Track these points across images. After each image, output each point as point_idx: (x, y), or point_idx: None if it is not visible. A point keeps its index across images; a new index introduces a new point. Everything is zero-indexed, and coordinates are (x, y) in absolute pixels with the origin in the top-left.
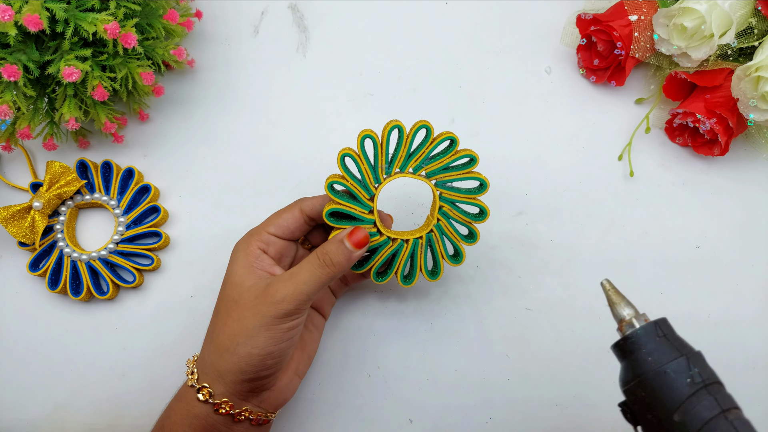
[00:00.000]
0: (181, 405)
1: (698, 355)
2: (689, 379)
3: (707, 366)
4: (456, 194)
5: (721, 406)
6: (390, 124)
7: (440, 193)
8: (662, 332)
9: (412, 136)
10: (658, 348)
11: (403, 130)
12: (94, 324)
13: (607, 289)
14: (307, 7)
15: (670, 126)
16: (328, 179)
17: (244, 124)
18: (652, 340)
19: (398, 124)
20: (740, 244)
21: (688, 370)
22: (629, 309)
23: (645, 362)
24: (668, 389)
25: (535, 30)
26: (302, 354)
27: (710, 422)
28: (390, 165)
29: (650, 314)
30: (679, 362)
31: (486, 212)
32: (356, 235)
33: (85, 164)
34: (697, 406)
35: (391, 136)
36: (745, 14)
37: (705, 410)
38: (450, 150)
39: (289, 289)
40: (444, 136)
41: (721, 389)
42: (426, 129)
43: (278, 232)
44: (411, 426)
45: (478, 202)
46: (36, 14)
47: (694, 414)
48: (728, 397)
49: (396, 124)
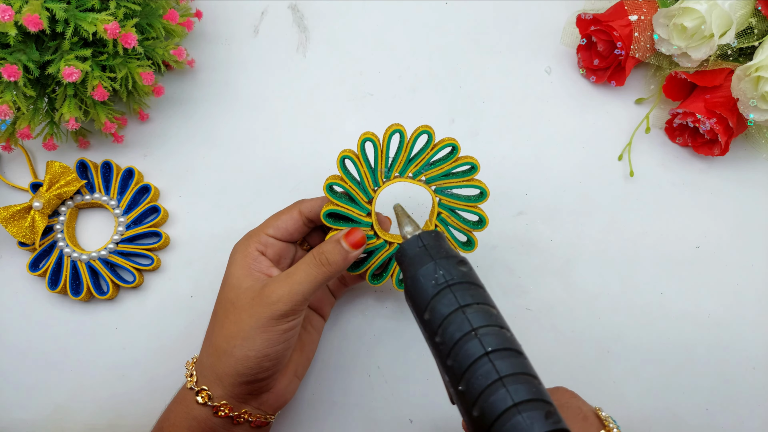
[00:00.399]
0: (180, 407)
1: (450, 259)
2: (433, 281)
3: (455, 268)
4: (455, 201)
5: (459, 302)
6: (391, 128)
7: (439, 199)
8: (422, 243)
9: (413, 141)
10: (416, 257)
11: (404, 135)
12: (94, 324)
13: (397, 213)
14: (307, 7)
15: (670, 126)
16: (327, 180)
17: (244, 124)
18: (413, 251)
19: (399, 128)
20: (740, 244)
21: (434, 273)
22: (410, 227)
23: (407, 270)
24: (419, 291)
25: (535, 30)
26: (301, 355)
27: (448, 317)
28: (390, 169)
29: (650, 315)
30: (427, 267)
31: (485, 221)
32: (353, 236)
33: (85, 164)
34: (438, 304)
35: (392, 140)
36: (745, 14)
37: (444, 307)
38: (451, 157)
39: (284, 289)
40: (446, 142)
41: (469, 288)
42: (428, 134)
43: (277, 234)
44: (411, 426)
45: (478, 211)
46: (36, 14)
47: (436, 311)
48: (474, 294)
49: (397, 128)
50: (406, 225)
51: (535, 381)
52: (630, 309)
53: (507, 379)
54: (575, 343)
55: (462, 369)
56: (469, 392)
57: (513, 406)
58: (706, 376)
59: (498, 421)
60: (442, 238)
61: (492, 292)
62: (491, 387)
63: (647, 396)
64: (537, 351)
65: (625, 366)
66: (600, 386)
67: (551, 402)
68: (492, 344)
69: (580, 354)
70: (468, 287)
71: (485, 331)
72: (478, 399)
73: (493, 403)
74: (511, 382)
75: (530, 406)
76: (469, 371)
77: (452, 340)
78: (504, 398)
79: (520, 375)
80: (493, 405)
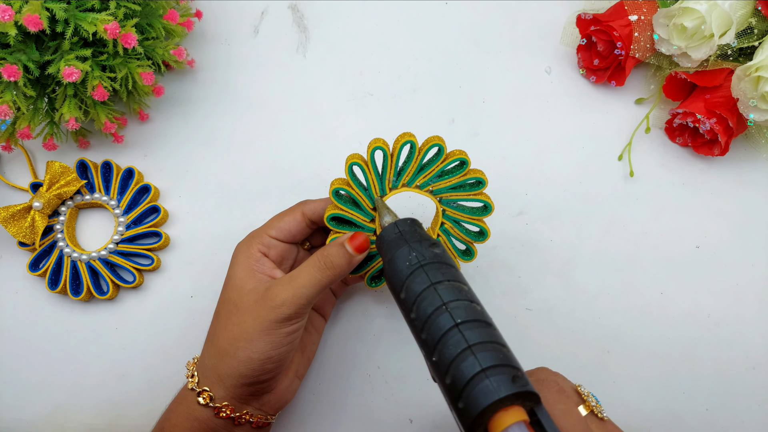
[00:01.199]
0: (181, 408)
1: (423, 242)
2: (408, 263)
3: (427, 250)
4: (460, 214)
5: (431, 280)
6: (403, 138)
7: (444, 210)
8: (398, 229)
9: (424, 152)
10: (393, 241)
11: (415, 146)
12: (94, 324)
13: (377, 205)
14: (307, 7)
15: (670, 126)
16: (333, 185)
17: (243, 124)
18: (390, 237)
19: (412, 140)
20: (740, 244)
21: (408, 255)
22: (389, 217)
23: (385, 255)
24: (396, 272)
25: (535, 30)
26: (302, 356)
27: (421, 294)
28: (398, 178)
29: (650, 315)
30: (402, 250)
31: (486, 233)
32: (357, 240)
33: (85, 164)
34: (412, 283)
35: (402, 151)
36: (745, 14)
37: (417, 285)
38: (460, 170)
39: (288, 292)
40: (456, 155)
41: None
42: (439, 147)
43: (279, 235)
44: (411, 426)
45: (481, 224)
46: (36, 14)
47: (411, 290)
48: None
49: (409, 139)
50: (385, 215)
51: (503, 349)
52: (630, 309)
53: (475, 347)
54: (575, 343)
55: (435, 341)
56: (441, 361)
57: (481, 371)
58: (706, 376)
59: (468, 385)
60: (417, 224)
61: (492, 292)
62: (461, 355)
63: (647, 396)
64: (537, 351)
65: (625, 366)
66: (600, 386)
67: (519, 368)
68: (461, 316)
69: (580, 354)
70: (439, 266)
71: (455, 305)
72: (450, 367)
73: (462, 369)
74: (479, 350)
75: (497, 371)
76: (440, 342)
77: (425, 314)
78: (473, 364)
79: (488, 343)
80: (463, 371)
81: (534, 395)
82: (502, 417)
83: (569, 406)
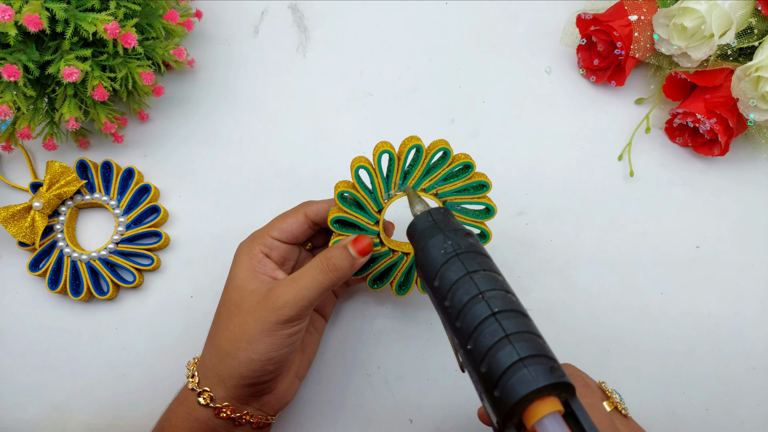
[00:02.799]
0: (182, 408)
1: (458, 231)
2: (442, 251)
3: (463, 239)
4: (463, 216)
5: (467, 269)
6: (410, 141)
7: None
8: (432, 218)
9: (431, 156)
10: (426, 230)
11: (422, 149)
12: (94, 324)
13: (409, 194)
14: (307, 7)
15: (670, 126)
16: (338, 187)
17: (244, 124)
18: (423, 225)
19: (419, 144)
20: (740, 244)
21: (443, 243)
22: (421, 205)
23: (417, 243)
24: (429, 260)
25: (535, 30)
26: (302, 356)
27: (457, 282)
28: (404, 181)
29: (650, 315)
30: (437, 238)
31: (488, 236)
32: (360, 243)
33: (85, 164)
34: (447, 271)
35: (409, 154)
36: (745, 14)
37: (453, 273)
38: (465, 174)
39: (290, 294)
40: (461, 160)
41: (476, 256)
42: (445, 151)
43: (282, 236)
44: (411, 426)
45: (482, 226)
46: (36, 14)
47: (445, 278)
48: (481, 262)
49: (417, 143)
50: (417, 204)
51: (539, 339)
52: (630, 309)
53: (513, 336)
54: (575, 343)
55: (470, 329)
56: (477, 350)
57: (519, 360)
58: (706, 376)
59: (505, 374)
60: (450, 214)
61: None
62: (498, 344)
63: (647, 396)
64: None
65: (625, 366)
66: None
67: (556, 359)
68: (498, 306)
69: (580, 354)
70: (475, 256)
71: (492, 294)
72: (486, 355)
73: (500, 358)
74: (516, 339)
75: (535, 361)
76: (476, 331)
77: (461, 303)
78: (510, 353)
79: (525, 333)
80: (500, 360)
81: (570, 387)
82: (539, 407)
83: (594, 400)
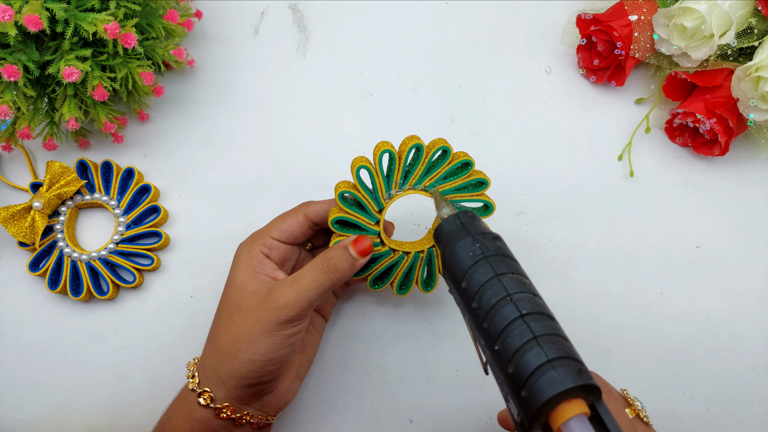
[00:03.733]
0: (182, 408)
1: (486, 235)
2: (471, 253)
3: (491, 242)
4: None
5: (495, 271)
6: (411, 141)
7: None
8: (460, 221)
9: (431, 155)
10: (454, 233)
11: (423, 149)
12: (94, 324)
13: (435, 197)
14: (307, 7)
15: (670, 126)
16: (339, 188)
17: (244, 124)
18: (451, 227)
19: (419, 143)
20: (740, 244)
21: (471, 246)
22: (447, 209)
23: (445, 245)
24: (457, 262)
25: (535, 30)
26: (303, 357)
27: (485, 284)
28: (404, 181)
29: (650, 315)
30: (465, 241)
31: None
32: (361, 244)
33: (85, 164)
34: (475, 273)
35: (409, 154)
36: (745, 14)
37: (481, 275)
38: (465, 172)
39: (290, 295)
40: (461, 158)
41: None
42: (444, 150)
43: (282, 237)
44: (411, 426)
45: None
46: (36, 14)
47: (473, 279)
48: (509, 265)
49: (417, 142)
50: (444, 207)
51: (566, 342)
52: (630, 309)
53: (541, 338)
54: (575, 343)
55: (498, 330)
56: (505, 350)
57: (547, 361)
58: (706, 376)
59: (533, 375)
60: (477, 217)
61: None
62: (526, 345)
63: (647, 396)
64: None
65: (625, 366)
66: None
67: (582, 362)
68: (526, 308)
69: (580, 354)
70: (503, 259)
71: (520, 297)
72: (514, 356)
73: (528, 359)
74: (544, 341)
75: (563, 363)
76: (504, 332)
77: (489, 304)
78: (539, 354)
79: (552, 335)
80: (528, 361)
81: (596, 390)
82: (565, 408)
83: (617, 407)
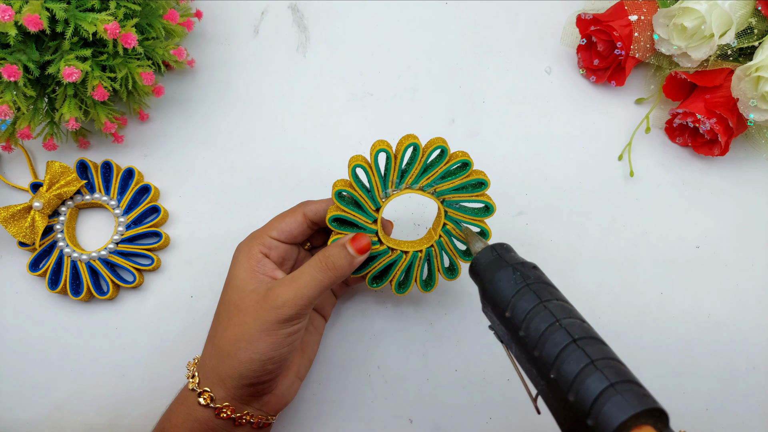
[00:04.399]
0: (182, 408)
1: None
2: (512, 282)
3: (531, 271)
4: (462, 215)
5: (540, 298)
6: (407, 140)
7: (446, 211)
8: (496, 253)
9: (428, 154)
10: (492, 264)
11: (419, 148)
12: (94, 324)
13: (467, 233)
14: (307, 7)
15: (670, 126)
16: (336, 186)
17: (244, 124)
18: (488, 259)
19: (416, 142)
20: (740, 244)
21: (511, 275)
22: (481, 243)
23: (484, 276)
24: (499, 293)
25: (535, 30)
26: (302, 356)
27: (531, 311)
28: (401, 180)
29: (650, 315)
30: (505, 271)
31: (488, 233)
32: (359, 241)
33: (85, 164)
34: (519, 301)
35: (406, 153)
36: (745, 14)
37: (526, 303)
38: (463, 172)
39: (290, 293)
40: (459, 157)
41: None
42: (442, 149)
43: (281, 236)
44: (411, 426)
45: (482, 225)
46: (36, 14)
47: (518, 308)
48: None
49: (413, 141)
50: (477, 242)
51: (623, 366)
52: (630, 309)
53: (599, 362)
54: None
55: (552, 357)
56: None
57: (610, 386)
58: (706, 376)
59: (597, 401)
60: (511, 249)
61: None
62: (585, 370)
63: None
64: None
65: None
66: None
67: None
68: (577, 333)
69: None
70: (545, 286)
71: (568, 322)
72: (573, 383)
73: (589, 385)
74: (603, 365)
75: (626, 387)
76: (559, 358)
77: (538, 331)
78: (600, 379)
79: (609, 359)
80: (590, 387)
81: (664, 415)
82: None
83: None
